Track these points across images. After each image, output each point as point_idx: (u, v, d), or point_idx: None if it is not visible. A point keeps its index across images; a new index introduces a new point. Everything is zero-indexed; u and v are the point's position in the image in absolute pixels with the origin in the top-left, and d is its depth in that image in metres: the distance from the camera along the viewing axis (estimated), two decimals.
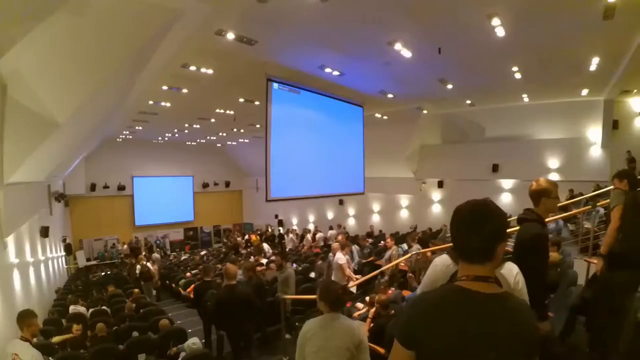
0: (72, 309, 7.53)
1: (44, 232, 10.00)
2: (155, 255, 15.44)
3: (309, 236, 15.83)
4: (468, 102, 12.27)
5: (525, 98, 11.56)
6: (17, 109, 4.92)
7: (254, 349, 5.37)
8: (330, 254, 7.55)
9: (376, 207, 18.15)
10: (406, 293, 6.20)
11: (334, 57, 7.94)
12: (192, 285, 8.52)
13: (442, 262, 2.29)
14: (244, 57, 7.52)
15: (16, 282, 6.30)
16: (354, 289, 6.80)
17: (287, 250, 14.58)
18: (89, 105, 6.38)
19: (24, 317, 3.60)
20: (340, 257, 6.94)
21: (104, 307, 7.93)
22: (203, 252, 17.89)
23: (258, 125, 15.38)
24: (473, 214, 1.33)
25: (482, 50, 7.32)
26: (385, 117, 13.83)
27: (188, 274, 11.66)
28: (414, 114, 13.43)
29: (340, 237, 8.94)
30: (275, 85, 9.07)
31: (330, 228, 18.02)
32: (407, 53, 7.17)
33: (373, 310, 4.84)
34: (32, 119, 5.23)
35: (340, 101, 11.34)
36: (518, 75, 8.83)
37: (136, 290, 9.18)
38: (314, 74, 8.98)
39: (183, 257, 17.72)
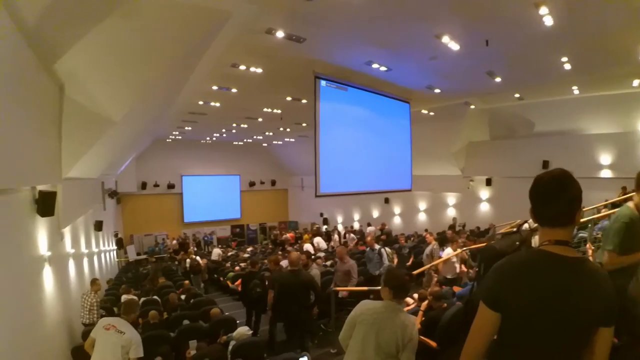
0: (124, 297, 8.13)
1: (98, 226, 10.85)
2: (217, 250, 16.34)
3: (336, 237, 16.41)
4: (516, 95, 11.90)
5: (576, 90, 11.03)
6: (74, 107, 5.39)
7: (308, 340, 5.64)
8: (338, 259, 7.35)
9: (422, 205, 17.99)
10: (457, 289, 6.17)
11: (381, 53, 7.98)
12: (240, 279, 8.96)
13: None
14: (292, 55, 7.75)
15: (71, 270, 6.91)
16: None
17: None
18: (142, 105, 6.87)
19: (130, 306, 4.11)
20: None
21: (154, 297, 8.50)
22: (249, 249, 18.54)
23: (304, 124, 15.73)
24: (557, 180, 1.44)
25: (530, 41, 7.12)
26: (431, 114, 13.65)
27: (237, 268, 12.25)
28: (461, 109, 13.19)
29: (369, 239, 8.83)
30: (323, 82, 9.25)
31: (369, 224, 18.32)
32: (454, 46, 7.10)
33: (425, 303, 4.92)
34: (88, 118, 5.63)
35: (387, 97, 11.36)
36: (567, 66, 8.50)
37: (186, 282, 9.91)
38: (361, 70, 9.09)
39: (230, 253, 18.48)
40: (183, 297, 8.09)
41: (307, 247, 12.75)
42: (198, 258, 12.57)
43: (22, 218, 4.51)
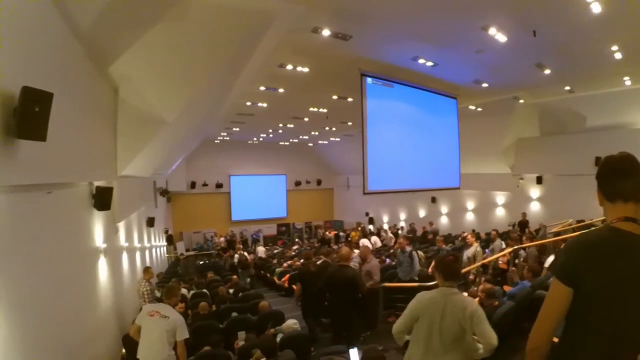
0: None
1: (150, 222, 11.55)
2: (260, 247, 16.95)
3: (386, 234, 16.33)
4: (567, 88, 11.36)
5: (627, 81, 10.38)
6: (128, 109, 5.87)
7: (353, 336, 5.71)
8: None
9: (470, 205, 17.52)
10: (507, 288, 6.06)
11: (427, 48, 7.96)
12: (287, 275, 9.24)
13: None
14: (338, 53, 7.89)
15: (124, 262, 7.45)
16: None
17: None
18: (192, 106, 7.26)
19: (171, 290, 4.39)
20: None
21: (204, 290, 8.96)
22: (295, 247, 18.94)
23: (350, 123, 15.88)
24: (629, 159, 1.53)
25: (578, 29, 6.85)
26: (479, 109, 13.34)
27: (285, 264, 12.65)
28: (509, 104, 12.79)
29: (400, 240, 8.66)
30: (369, 80, 9.33)
31: (410, 226, 18.29)
32: (501, 38, 6.96)
33: (476, 300, 4.86)
34: (142, 118, 6.03)
35: (434, 93, 11.26)
36: (618, 55, 8.07)
37: (234, 276, 10.43)
38: (407, 66, 9.10)
39: (275, 251, 19.00)
40: (231, 291, 8.46)
41: (364, 242, 12.87)
42: (245, 254, 13.21)
43: (81, 211, 4.94)
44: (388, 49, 8.10)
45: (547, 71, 9.28)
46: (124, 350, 5.60)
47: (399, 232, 18.37)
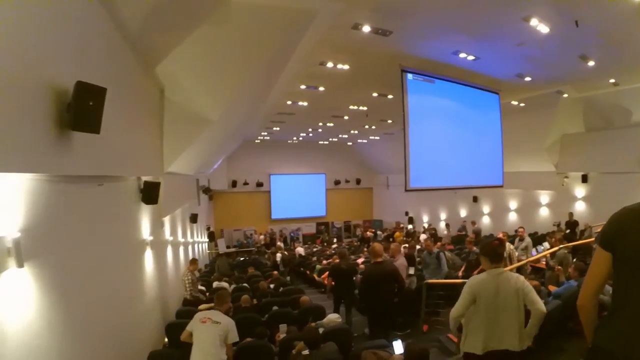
0: (216, 284, 8.97)
1: (193, 218, 12.00)
2: (300, 249, 17.32)
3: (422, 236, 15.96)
4: (611, 81, 10.73)
5: None
6: (173, 108, 6.18)
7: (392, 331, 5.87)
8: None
9: (513, 204, 16.88)
10: (552, 288, 5.89)
11: (468, 41, 7.83)
12: (327, 273, 9.40)
13: None
14: (379, 49, 7.91)
15: (169, 255, 7.80)
16: None
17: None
18: (236, 105, 7.50)
19: (222, 297, 4.46)
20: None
21: (244, 285, 9.24)
22: (334, 245, 19.08)
23: (390, 121, 15.81)
24: None
25: (621, 18, 6.51)
26: (522, 105, 12.84)
27: (324, 262, 12.86)
28: (553, 98, 12.22)
29: (427, 241, 8.52)
30: (410, 75, 9.27)
31: (447, 226, 18.07)
32: (543, 29, 6.75)
33: None
34: (187, 117, 6.31)
35: (476, 89, 11.02)
36: None
37: (275, 272, 10.80)
38: (448, 61, 9.00)
39: (315, 249, 19.23)
40: (272, 286, 8.68)
41: (423, 237, 12.91)
42: (286, 252, 13.69)
43: (129, 204, 5.26)
44: (428, 44, 8.04)
45: (591, 63, 8.89)
46: (166, 339, 5.86)
47: (436, 231, 18.08)
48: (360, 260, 11.16)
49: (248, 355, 4.46)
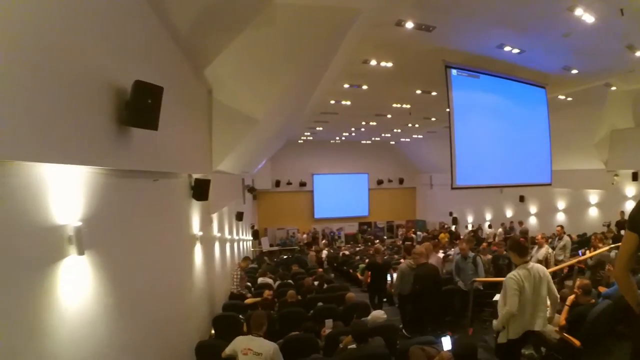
0: (260, 280, 9.11)
1: (239, 216, 12.24)
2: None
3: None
4: None
5: None
6: (221, 108, 6.33)
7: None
8: None
9: (561, 204, 15.98)
10: (602, 289, 5.55)
11: (512, 34, 7.58)
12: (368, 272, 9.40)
13: None
14: (422, 45, 7.82)
15: (216, 251, 7.99)
16: None
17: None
18: (281, 105, 7.60)
19: (258, 320, 4.01)
20: None
21: (289, 281, 9.34)
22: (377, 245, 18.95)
23: (433, 119, 15.50)
24: None
25: None
26: (569, 99, 12.14)
27: (367, 261, 12.70)
28: (601, 92, 11.49)
29: (463, 245, 7.65)
30: (454, 71, 9.11)
31: (489, 227, 17.59)
32: (589, 18, 6.41)
33: (571, 297, 4.64)
34: (235, 117, 6.45)
35: (522, 83, 10.60)
36: None
37: (319, 269, 10.96)
38: (493, 55, 8.75)
39: (357, 249, 19.16)
40: (316, 283, 8.71)
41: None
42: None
43: (181, 200, 5.44)
44: (472, 38, 7.86)
45: (639, 53, 8.34)
46: (212, 331, 6.00)
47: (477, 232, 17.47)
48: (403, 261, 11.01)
49: (295, 347, 4.47)
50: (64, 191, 2.27)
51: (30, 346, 1.92)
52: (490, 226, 18.68)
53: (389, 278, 7.84)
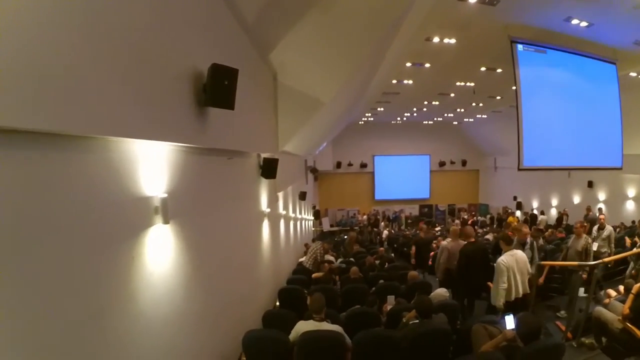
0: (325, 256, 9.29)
1: (302, 196, 12.48)
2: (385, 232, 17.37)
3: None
4: None
5: None
6: (286, 92, 6.44)
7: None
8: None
9: (631, 192, 14.30)
10: None
11: (580, 5, 7.07)
12: (432, 253, 9.33)
13: None
14: (486, 20, 7.55)
15: (281, 228, 8.26)
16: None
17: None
18: (345, 86, 7.58)
19: (318, 303, 3.93)
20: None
21: (351, 259, 9.44)
22: (438, 229, 18.52)
23: (498, 97, 14.72)
24: None
25: None
26: None
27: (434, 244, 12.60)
28: None
29: (524, 229, 7.03)
30: (520, 46, 8.64)
31: (542, 213, 17.09)
32: None
33: (638, 285, 4.31)
34: (300, 100, 6.51)
35: (590, 58, 9.72)
36: None
37: (381, 249, 10.86)
38: (560, 29, 8.25)
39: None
40: (377, 262, 8.74)
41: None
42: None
43: (251, 178, 5.67)
44: (538, 11, 7.42)
45: None
46: (277, 303, 6.24)
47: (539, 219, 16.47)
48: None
49: (357, 321, 4.52)
50: (152, 166, 2.46)
51: (116, 307, 2.11)
52: (542, 212, 17.72)
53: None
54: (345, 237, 18.08)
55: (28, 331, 1.46)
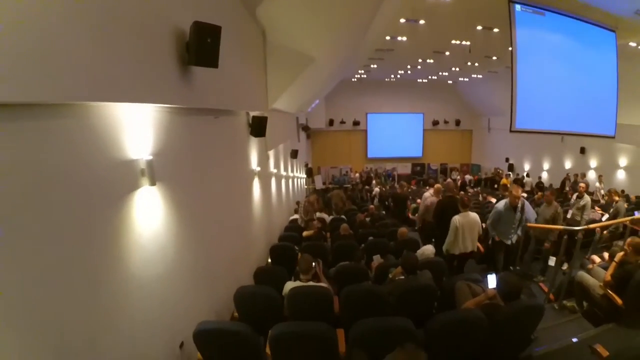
0: (317, 215, 9.37)
1: (294, 154, 12.45)
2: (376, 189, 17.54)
3: None
4: None
5: None
6: (275, 48, 6.23)
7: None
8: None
9: (623, 161, 14.33)
10: None
11: None
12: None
13: None
14: None
15: (272, 186, 8.28)
16: None
17: None
18: (336, 42, 7.37)
19: (307, 263, 3.99)
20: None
21: (342, 216, 9.58)
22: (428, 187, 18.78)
23: (495, 58, 14.42)
24: None
25: None
26: None
27: (418, 201, 12.71)
28: None
29: (514, 192, 6.95)
30: (518, 6, 8.42)
31: (527, 175, 17.27)
32: None
33: (621, 254, 4.37)
34: (289, 56, 6.37)
35: (590, 24, 9.49)
36: None
37: (371, 206, 11.01)
38: None
39: (410, 190, 19.12)
40: (368, 219, 8.87)
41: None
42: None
43: (240, 136, 5.61)
44: None
45: None
46: (269, 260, 6.37)
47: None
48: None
49: (345, 275, 4.65)
50: (136, 129, 2.43)
51: (110, 266, 2.17)
52: (528, 175, 18.05)
53: None
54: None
55: (20, 296, 1.50)
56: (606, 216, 7.96)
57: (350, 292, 3.70)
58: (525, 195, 8.29)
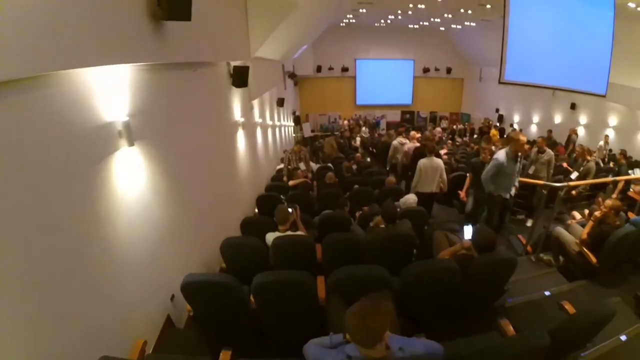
0: (302, 165, 9.45)
1: (280, 102, 12.28)
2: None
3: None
4: None
5: None
6: None
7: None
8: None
9: (613, 120, 14.08)
10: (632, 215, 5.45)
11: None
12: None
13: None
14: None
15: (258, 136, 8.27)
16: None
17: None
18: None
19: (283, 214, 4.01)
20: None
21: (329, 165, 9.67)
22: (418, 135, 18.79)
23: (488, 6, 13.87)
24: None
25: None
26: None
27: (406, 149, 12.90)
28: None
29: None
30: None
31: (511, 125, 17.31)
32: None
33: (598, 213, 4.39)
34: (271, 2, 6.17)
35: None
36: None
37: (358, 154, 11.03)
38: None
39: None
40: (354, 167, 8.97)
41: None
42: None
43: (222, 88, 5.53)
44: None
45: None
46: (256, 210, 6.51)
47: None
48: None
49: (330, 223, 4.75)
50: (111, 91, 2.41)
51: (95, 232, 2.25)
52: (511, 125, 18.11)
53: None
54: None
55: (10, 257, 1.59)
56: (575, 174, 7.89)
57: (330, 241, 3.79)
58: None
